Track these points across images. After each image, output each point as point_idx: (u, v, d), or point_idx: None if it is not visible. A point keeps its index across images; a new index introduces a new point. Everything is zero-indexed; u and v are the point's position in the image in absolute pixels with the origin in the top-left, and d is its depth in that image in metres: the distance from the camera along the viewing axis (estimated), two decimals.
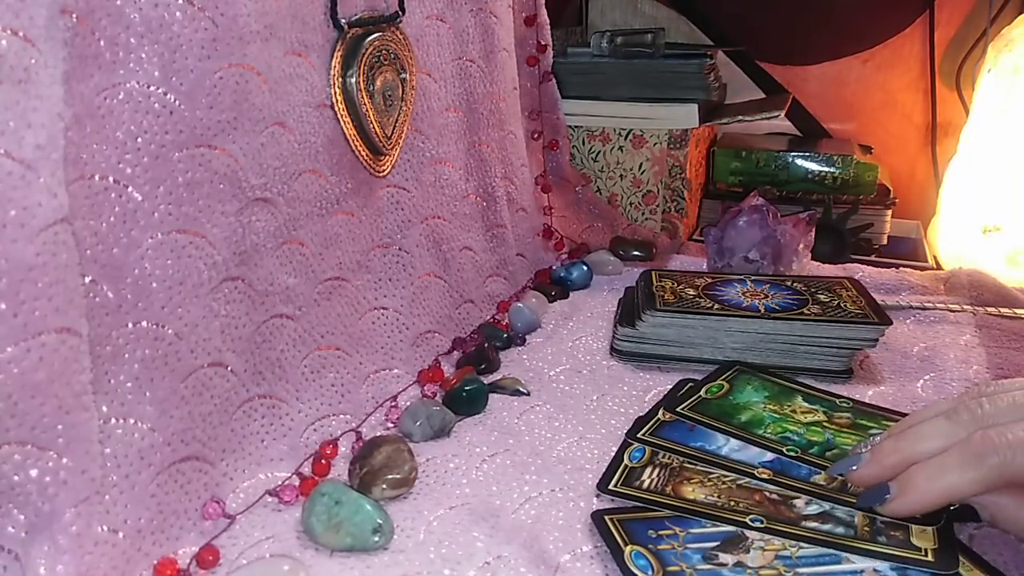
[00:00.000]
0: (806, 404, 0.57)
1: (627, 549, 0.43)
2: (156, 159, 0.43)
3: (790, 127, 1.17)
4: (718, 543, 0.44)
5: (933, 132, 1.10)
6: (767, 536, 0.44)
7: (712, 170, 1.04)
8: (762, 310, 0.65)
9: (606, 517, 0.46)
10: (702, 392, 0.59)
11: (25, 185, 0.34)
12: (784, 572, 0.42)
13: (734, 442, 0.52)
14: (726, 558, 0.43)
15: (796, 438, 0.52)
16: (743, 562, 0.42)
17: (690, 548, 0.43)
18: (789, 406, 0.57)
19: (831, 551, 0.43)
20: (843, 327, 0.62)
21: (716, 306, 0.66)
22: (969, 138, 0.91)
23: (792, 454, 0.50)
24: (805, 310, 0.65)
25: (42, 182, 0.35)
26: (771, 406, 0.57)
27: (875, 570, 0.41)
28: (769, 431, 0.53)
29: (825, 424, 0.54)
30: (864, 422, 0.55)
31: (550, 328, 0.73)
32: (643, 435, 0.53)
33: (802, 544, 0.44)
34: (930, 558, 0.42)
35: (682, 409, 0.56)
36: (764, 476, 0.48)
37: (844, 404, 0.57)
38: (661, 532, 0.45)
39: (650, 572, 0.42)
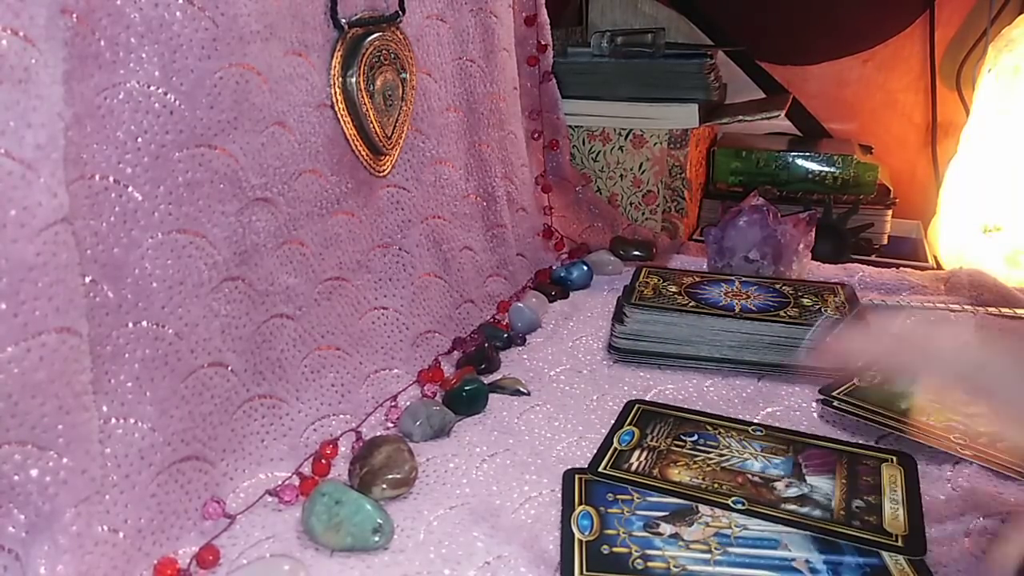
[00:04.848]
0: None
1: (578, 509, 0.46)
2: (156, 159, 0.43)
3: (790, 127, 1.17)
4: (666, 513, 0.45)
5: (933, 132, 1.10)
6: (718, 512, 0.46)
7: (712, 170, 1.04)
8: (737, 309, 0.65)
9: (576, 476, 0.49)
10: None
11: (25, 185, 0.34)
12: (715, 548, 0.43)
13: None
14: (666, 528, 0.44)
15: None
16: (680, 534, 0.44)
17: (637, 514, 0.45)
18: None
19: (772, 537, 0.44)
20: (808, 330, 0.63)
21: (692, 304, 0.66)
22: (969, 138, 0.91)
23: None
24: (781, 312, 0.65)
25: (42, 182, 0.35)
26: None
27: (807, 560, 0.42)
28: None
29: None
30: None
31: (550, 328, 0.73)
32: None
33: (748, 526, 0.45)
34: (900, 544, 0.43)
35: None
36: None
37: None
38: (619, 496, 0.47)
39: (587, 532, 0.44)
